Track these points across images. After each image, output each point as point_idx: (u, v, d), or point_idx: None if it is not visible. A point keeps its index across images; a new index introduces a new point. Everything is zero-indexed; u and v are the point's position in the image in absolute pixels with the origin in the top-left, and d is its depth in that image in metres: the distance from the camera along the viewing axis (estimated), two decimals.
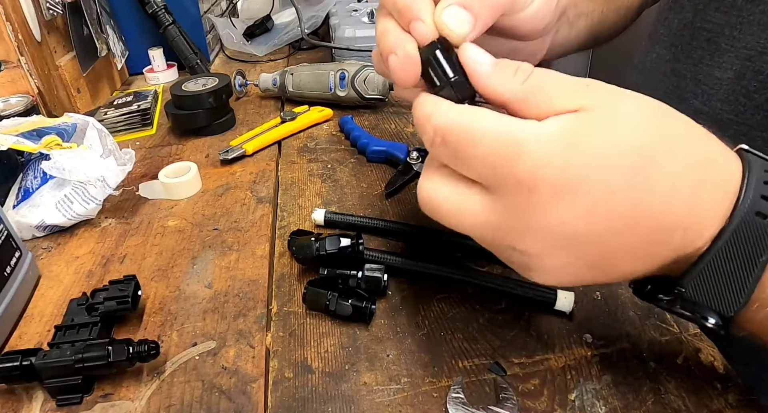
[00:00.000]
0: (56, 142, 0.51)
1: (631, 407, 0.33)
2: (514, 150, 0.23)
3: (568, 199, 0.23)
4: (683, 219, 0.24)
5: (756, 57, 0.37)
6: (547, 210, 0.23)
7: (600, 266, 0.26)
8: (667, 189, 0.23)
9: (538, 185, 0.23)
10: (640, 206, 0.23)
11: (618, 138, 0.23)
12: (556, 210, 0.23)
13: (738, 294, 0.24)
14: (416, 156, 0.58)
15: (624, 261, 0.26)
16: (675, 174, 0.24)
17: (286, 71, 0.78)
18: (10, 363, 0.33)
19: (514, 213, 0.24)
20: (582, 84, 0.25)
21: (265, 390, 0.35)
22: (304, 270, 0.45)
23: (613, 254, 0.25)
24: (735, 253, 0.24)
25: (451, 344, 0.38)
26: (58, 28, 0.74)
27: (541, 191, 0.23)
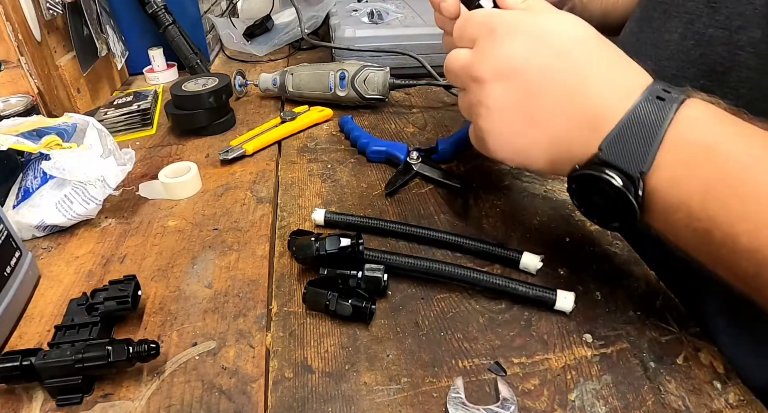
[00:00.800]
0: (56, 142, 0.51)
1: (631, 407, 0.33)
2: (494, 14, 0.37)
3: (514, 38, 0.35)
4: (599, 80, 0.33)
5: (696, 20, 0.44)
6: (498, 44, 0.35)
7: (532, 115, 0.35)
8: (588, 57, 0.34)
9: (497, 27, 0.36)
10: (568, 60, 0.34)
11: (564, 20, 0.35)
12: (504, 45, 0.35)
13: (644, 154, 0.30)
14: (416, 156, 0.58)
15: (550, 113, 0.34)
16: (597, 52, 0.34)
17: (286, 71, 0.78)
18: (10, 363, 0.33)
19: (478, 50, 0.36)
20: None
21: (265, 390, 0.35)
22: (304, 270, 0.45)
23: (542, 99, 0.34)
24: (640, 121, 0.30)
25: (451, 344, 0.38)
26: (58, 28, 0.74)
27: (498, 31, 0.35)
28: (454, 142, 0.62)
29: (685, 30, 0.45)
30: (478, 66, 0.36)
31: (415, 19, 0.90)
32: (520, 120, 0.35)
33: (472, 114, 0.38)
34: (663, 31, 0.47)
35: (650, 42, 0.48)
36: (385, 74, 0.73)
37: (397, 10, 0.93)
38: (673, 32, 0.46)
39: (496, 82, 0.35)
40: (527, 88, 0.34)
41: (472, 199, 0.55)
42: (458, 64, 0.38)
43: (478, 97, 0.36)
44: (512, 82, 0.35)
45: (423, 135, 0.69)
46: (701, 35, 0.43)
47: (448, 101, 0.79)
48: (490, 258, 0.46)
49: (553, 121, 0.34)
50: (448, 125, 0.71)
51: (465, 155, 0.63)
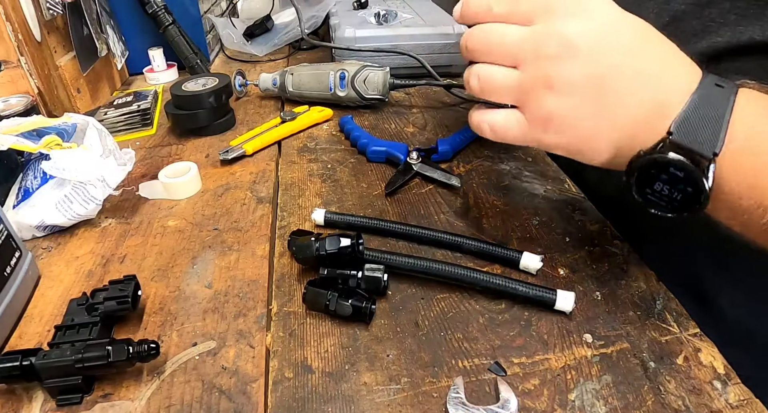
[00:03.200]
0: (56, 142, 0.51)
1: (631, 407, 0.33)
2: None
3: (586, 17, 0.33)
4: (668, 64, 0.33)
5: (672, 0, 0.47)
6: (570, 22, 0.33)
7: (602, 91, 0.33)
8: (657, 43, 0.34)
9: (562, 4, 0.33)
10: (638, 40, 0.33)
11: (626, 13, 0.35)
12: (577, 23, 0.33)
13: (715, 136, 0.30)
14: (416, 156, 0.58)
15: (620, 90, 0.33)
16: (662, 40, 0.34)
17: (286, 71, 0.78)
18: (10, 363, 0.33)
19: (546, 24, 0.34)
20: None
21: (265, 390, 0.35)
22: (304, 270, 0.45)
23: (612, 75, 0.33)
24: (707, 104, 0.31)
25: (451, 344, 0.38)
26: (58, 28, 0.74)
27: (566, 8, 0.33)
28: (454, 142, 0.62)
29: (660, 9, 0.47)
30: (546, 40, 0.33)
31: (415, 19, 0.90)
32: (590, 102, 0.33)
33: (528, 96, 0.35)
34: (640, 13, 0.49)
35: None
36: (385, 74, 0.73)
37: (403, 12, 0.92)
38: (649, 12, 0.48)
39: (568, 58, 0.33)
40: (601, 68, 0.33)
41: (472, 198, 0.55)
42: (512, 39, 0.35)
43: (545, 73, 0.34)
44: (586, 60, 0.33)
45: (423, 135, 0.69)
46: (675, 12, 0.46)
47: (448, 101, 0.79)
48: (490, 258, 0.46)
49: (624, 105, 0.33)
50: (448, 125, 0.71)
51: (465, 155, 0.63)
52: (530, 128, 0.36)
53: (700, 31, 0.45)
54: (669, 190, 0.32)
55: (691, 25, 0.45)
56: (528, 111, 0.35)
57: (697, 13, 0.45)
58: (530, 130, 0.36)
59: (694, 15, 0.45)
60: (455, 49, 0.85)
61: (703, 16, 0.45)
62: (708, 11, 0.44)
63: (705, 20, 0.44)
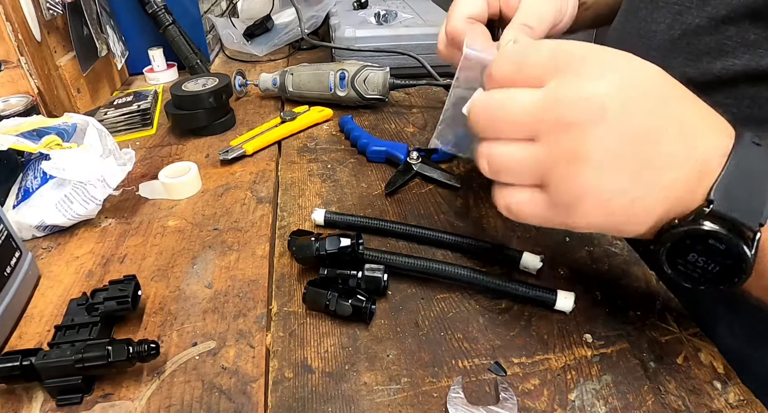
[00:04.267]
0: (56, 142, 0.51)
1: (631, 407, 0.33)
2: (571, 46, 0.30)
3: (605, 74, 0.28)
4: (701, 124, 0.29)
5: (685, 11, 0.44)
6: (589, 81, 0.28)
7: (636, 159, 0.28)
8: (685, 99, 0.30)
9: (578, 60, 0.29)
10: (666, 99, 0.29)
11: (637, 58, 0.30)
12: (596, 82, 0.28)
13: (761, 204, 0.27)
14: (416, 156, 0.58)
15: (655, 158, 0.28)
16: (687, 94, 0.30)
17: (286, 71, 0.78)
18: (10, 363, 0.33)
19: (561, 87, 0.29)
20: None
21: (265, 390, 0.35)
22: (304, 270, 0.45)
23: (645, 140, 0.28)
24: (749, 167, 0.27)
25: (451, 344, 0.38)
26: (58, 28, 0.74)
27: (582, 65, 0.29)
28: None
29: (673, 20, 0.45)
30: (572, 108, 0.28)
31: (415, 19, 0.90)
32: (626, 173, 0.28)
33: (551, 174, 0.29)
34: (650, 21, 0.47)
35: (636, 32, 0.49)
36: (385, 74, 0.73)
37: (403, 12, 0.92)
38: (660, 23, 0.46)
39: (595, 123, 0.27)
40: (635, 129, 0.28)
41: (472, 198, 0.54)
42: (523, 108, 0.30)
43: (570, 146, 0.28)
44: (613, 124, 0.27)
45: (423, 135, 0.69)
46: (688, 25, 0.43)
47: None
48: (490, 258, 0.46)
49: (664, 171, 0.28)
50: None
51: None
52: (556, 211, 0.30)
53: (714, 49, 0.42)
54: (705, 262, 0.28)
55: (704, 42, 0.42)
56: (553, 192, 0.30)
57: (711, 30, 0.42)
58: (556, 213, 0.30)
59: (709, 31, 0.42)
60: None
61: (718, 33, 0.41)
62: (725, 28, 0.41)
63: (720, 38, 0.41)
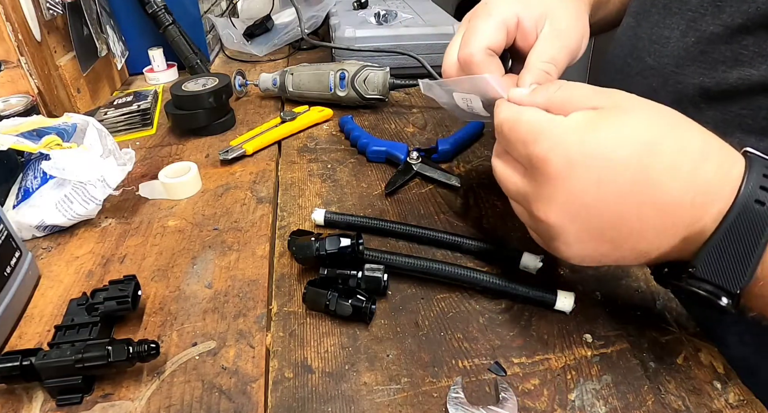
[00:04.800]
0: (56, 142, 0.51)
1: (631, 407, 0.33)
2: (537, 134, 0.30)
3: (577, 173, 0.28)
4: (687, 192, 0.28)
5: (699, 18, 0.43)
6: (560, 184, 0.29)
7: (615, 240, 0.30)
8: (668, 168, 0.28)
9: (551, 161, 0.29)
10: (643, 179, 0.28)
11: (624, 128, 0.29)
12: (567, 183, 0.29)
13: (743, 272, 0.27)
14: (416, 156, 0.58)
15: (636, 234, 0.29)
16: (675, 154, 0.28)
17: (286, 71, 0.78)
18: (10, 363, 0.33)
19: (537, 186, 0.30)
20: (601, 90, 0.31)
21: (265, 390, 0.35)
22: (304, 270, 0.45)
23: (624, 226, 0.29)
24: (738, 235, 0.27)
25: (451, 344, 0.38)
26: (58, 28, 0.74)
27: (553, 166, 0.29)
28: (454, 142, 0.62)
29: (687, 27, 0.44)
30: (542, 209, 0.31)
31: (415, 19, 0.90)
32: (605, 247, 0.31)
33: (540, 236, 0.34)
34: (662, 26, 0.46)
35: (648, 37, 0.48)
36: (385, 74, 0.73)
37: (403, 12, 0.92)
38: (674, 29, 0.45)
39: (569, 222, 0.30)
40: (607, 220, 0.30)
41: (472, 198, 0.54)
42: (514, 189, 0.34)
43: (550, 234, 0.32)
44: (588, 219, 0.30)
45: (423, 135, 0.69)
46: (702, 33, 0.43)
47: None
48: (490, 258, 0.46)
49: (643, 241, 0.30)
50: (448, 125, 0.71)
51: (465, 155, 0.63)
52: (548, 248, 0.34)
53: (730, 58, 0.41)
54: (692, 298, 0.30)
55: (719, 51, 0.42)
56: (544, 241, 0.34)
57: (727, 38, 0.41)
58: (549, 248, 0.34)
59: (725, 40, 0.41)
60: None
61: (734, 43, 0.41)
62: (741, 37, 0.40)
63: (736, 47, 0.41)
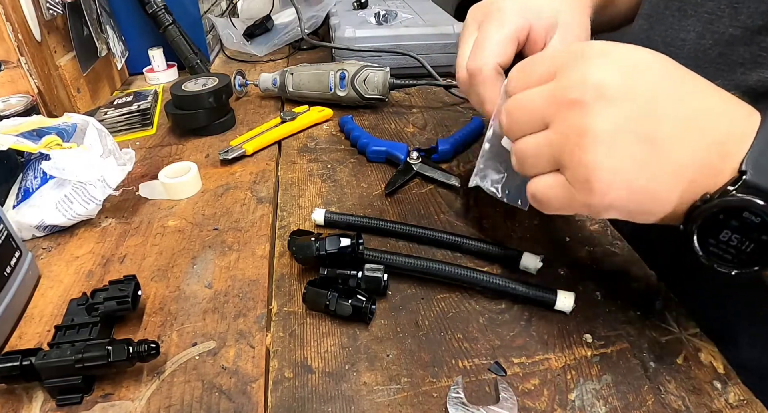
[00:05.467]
0: (56, 142, 0.51)
1: (631, 407, 0.33)
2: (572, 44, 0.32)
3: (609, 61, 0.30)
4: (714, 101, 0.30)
5: (716, 20, 0.42)
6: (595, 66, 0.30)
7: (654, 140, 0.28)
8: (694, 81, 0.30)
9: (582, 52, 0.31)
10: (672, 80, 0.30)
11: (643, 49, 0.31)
12: (602, 67, 0.30)
13: None
14: (416, 156, 0.58)
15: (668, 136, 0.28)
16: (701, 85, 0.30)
17: (286, 71, 0.78)
18: (10, 363, 0.33)
19: (571, 73, 0.30)
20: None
21: (265, 390, 0.35)
22: (304, 270, 0.45)
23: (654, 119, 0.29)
24: None
25: (451, 344, 0.38)
26: (58, 28, 0.74)
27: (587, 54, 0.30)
28: (454, 142, 0.62)
29: (704, 29, 0.43)
30: (574, 88, 0.30)
31: (415, 19, 0.90)
32: (639, 147, 0.28)
33: (563, 153, 0.30)
34: (678, 29, 0.46)
35: (663, 40, 0.48)
36: (385, 74, 0.73)
37: (403, 12, 0.92)
38: (690, 31, 0.45)
39: (603, 101, 0.29)
40: (641, 108, 0.28)
41: (472, 198, 0.54)
42: (533, 99, 0.32)
43: (580, 124, 0.29)
44: (622, 102, 0.29)
45: (423, 135, 0.69)
46: (720, 35, 0.42)
47: (448, 101, 0.79)
48: (490, 258, 0.46)
49: (678, 147, 0.28)
50: (448, 125, 0.71)
51: (465, 155, 0.63)
52: (576, 192, 0.30)
53: (748, 60, 0.41)
54: (738, 240, 0.28)
55: (738, 53, 0.41)
56: (569, 171, 0.30)
57: (746, 40, 0.40)
58: (576, 193, 0.30)
59: (743, 41, 0.41)
60: (455, 49, 0.85)
61: (753, 44, 0.40)
62: (760, 39, 0.40)
63: (755, 49, 0.40)
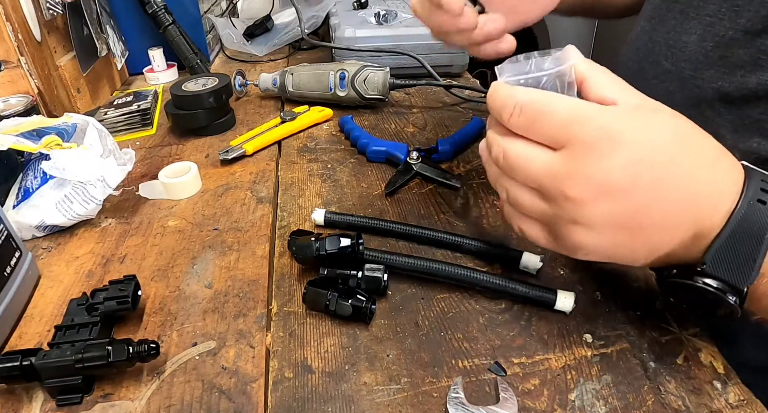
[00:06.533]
0: (56, 142, 0.51)
1: (631, 407, 0.33)
2: (582, 117, 0.30)
3: (620, 151, 0.29)
4: (704, 189, 0.30)
5: (716, 23, 0.43)
6: (603, 159, 0.29)
7: (634, 228, 0.30)
8: (693, 163, 0.30)
9: (599, 140, 0.30)
10: (674, 168, 0.30)
11: (660, 123, 0.31)
12: (611, 159, 0.29)
13: (750, 267, 0.29)
14: (416, 156, 0.58)
15: (655, 225, 0.30)
16: (699, 152, 0.30)
17: (286, 71, 0.78)
18: (10, 363, 0.33)
19: (573, 162, 0.30)
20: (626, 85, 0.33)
21: (265, 390, 0.35)
22: (304, 270, 0.45)
23: (647, 214, 0.30)
24: (744, 232, 0.29)
25: (451, 344, 0.38)
26: (58, 28, 0.74)
27: (598, 146, 0.30)
28: (454, 142, 0.62)
29: (705, 32, 0.44)
30: (577, 184, 0.30)
31: (415, 19, 0.90)
32: (622, 236, 0.31)
33: (554, 227, 0.33)
34: (680, 31, 0.46)
35: (665, 42, 0.48)
36: (385, 74, 0.73)
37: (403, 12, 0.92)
38: (691, 33, 0.45)
39: (600, 201, 0.30)
40: (635, 206, 0.30)
41: (472, 198, 0.54)
42: (536, 167, 0.32)
43: (573, 215, 0.31)
44: (619, 201, 0.30)
45: (423, 135, 0.69)
46: (721, 37, 0.43)
47: (448, 101, 0.79)
48: (490, 258, 0.46)
49: (658, 234, 0.31)
50: (448, 125, 0.71)
51: (465, 155, 0.63)
52: (559, 248, 0.34)
53: (748, 63, 0.41)
54: (698, 302, 0.32)
55: (738, 56, 0.42)
56: (556, 238, 0.33)
57: (746, 43, 0.41)
58: (559, 248, 0.34)
59: (743, 44, 0.41)
60: (455, 49, 0.85)
61: (753, 47, 0.41)
62: (759, 41, 0.40)
63: (755, 51, 0.41)
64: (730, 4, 0.42)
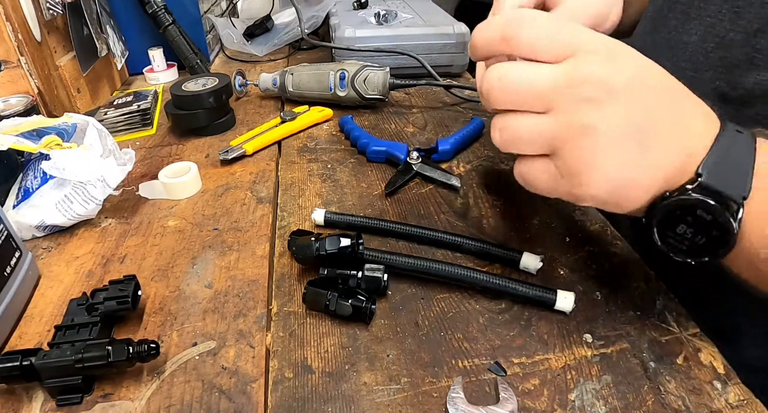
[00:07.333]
0: (56, 142, 0.51)
1: (631, 407, 0.33)
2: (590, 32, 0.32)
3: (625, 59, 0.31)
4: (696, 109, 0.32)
5: (717, 23, 0.43)
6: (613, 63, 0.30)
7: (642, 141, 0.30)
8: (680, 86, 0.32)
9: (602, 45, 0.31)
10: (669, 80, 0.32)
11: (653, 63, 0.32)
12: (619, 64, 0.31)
13: (744, 179, 0.30)
14: (416, 156, 0.58)
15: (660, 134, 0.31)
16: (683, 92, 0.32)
17: (286, 71, 0.78)
18: (10, 363, 0.33)
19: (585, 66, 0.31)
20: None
21: (265, 390, 0.35)
22: (304, 270, 0.45)
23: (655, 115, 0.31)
24: (736, 149, 0.31)
25: (451, 344, 0.38)
26: (58, 28, 0.74)
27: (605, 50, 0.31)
28: (454, 142, 0.62)
29: (706, 33, 0.44)
30: (584, 82, 0.30)
31: (415, 19, 0.90)
32: (632, 147, 0.30)
33: (561, 144, 0.31)
34: (681, 32, 0.46)
35: (666, 43, 0.48)
36: (385, 74, 0.73)
37: (403, 12, 0.92)
38: (692, 34, 0.45)
39: (615, 100, 0.30)
40: (643, 112, 0.30)
41: (472, 198, 0.55)
42: (544, 81, 0.31)
43: (587, 121, 0.30)
44: (628, 104, 0.30)
45: (423, 135, 0.69)
46: (722, 38, 0.43)
47: (448, 101, 0.79)
48: (490, 258, 0.46)
49: (662, 150, 0.31)
50: (448, 125, 0.71)
51: (465, 155, 0.63)
52: (562, 180, 0.32)
53: (744, 62, 0.41)
54: (692, 234, 0.31)
55: (734, 55, 0.42)
56: (561, 160, 0.32)
57: (744, 42, 0.41)
58: (562, 181, 0.32)
59: (741, 43, 0.41)
60: (455, 49, 0.85)
61: (748, 46, 0.41)
62: (755, 40, 0.40)
63: (750, 50, 0.41)
64: (731, 5, 0.42)
